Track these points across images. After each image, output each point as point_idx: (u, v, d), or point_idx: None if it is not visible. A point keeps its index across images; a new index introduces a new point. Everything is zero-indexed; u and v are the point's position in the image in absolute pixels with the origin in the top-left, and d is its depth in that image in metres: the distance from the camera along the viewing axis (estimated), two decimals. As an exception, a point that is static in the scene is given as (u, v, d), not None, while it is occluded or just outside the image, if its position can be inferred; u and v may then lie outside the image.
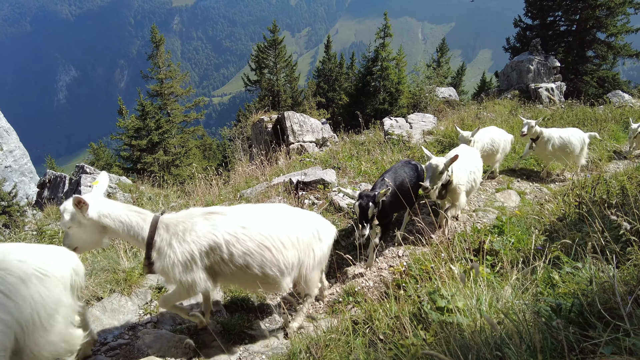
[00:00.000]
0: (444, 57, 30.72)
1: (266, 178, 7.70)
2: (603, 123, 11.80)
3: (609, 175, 7.04)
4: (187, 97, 25.32)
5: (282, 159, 9.67)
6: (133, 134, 22.10)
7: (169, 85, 23.60)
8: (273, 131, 12.34)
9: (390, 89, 23.56)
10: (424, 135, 10.03)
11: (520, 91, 17.17)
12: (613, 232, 3.09)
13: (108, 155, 26.79)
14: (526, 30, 22.16)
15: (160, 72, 23.47)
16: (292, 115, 12.08)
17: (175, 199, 9.40)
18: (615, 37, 19.36)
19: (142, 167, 20.97)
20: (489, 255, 3.80)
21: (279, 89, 26.53)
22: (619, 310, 1.81)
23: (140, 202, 8.80)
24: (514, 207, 6.20)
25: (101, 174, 3.10)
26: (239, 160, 11.59)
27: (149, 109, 22.25)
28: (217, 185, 7.42)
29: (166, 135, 22.68)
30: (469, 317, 2.37)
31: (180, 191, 10.34)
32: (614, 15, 18.85)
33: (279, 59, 26.45)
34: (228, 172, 9.96)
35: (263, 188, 6.63)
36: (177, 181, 14.56)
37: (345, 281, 4.32)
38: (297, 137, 11.74)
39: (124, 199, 10.46)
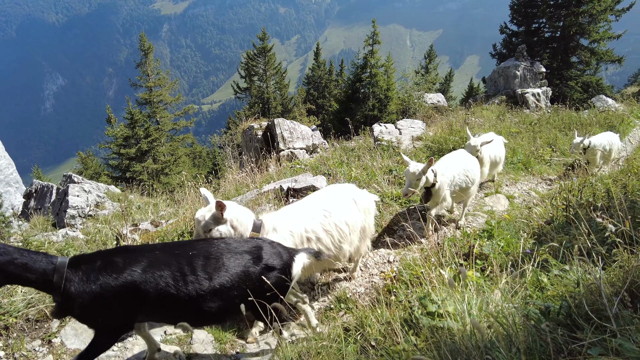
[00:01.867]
0: (432, 63, 31.07)
1: (257, 185, 7.68)
2: (588, 127, 12.01)
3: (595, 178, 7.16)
4: (177, 104, 25.23)
5: (273, 166, 9.65)
6: (122, 143, 21.94)
7: (158, 93, 23.49)
8: (263, 138, 12.33)
9: (379, 95, 23.74)
10: (413, 141, 10.11)
11: (507, 96, 17.42)
12: (599, 234, 3.14)
13: (97, 164, 26.50)
14: (512, 36, 22.57)
15: (149, 80, 23.37)
16: (282, 122, 12.09)
17: (164, 207, 9.32)
18: (598, 43, 19.82)
19: (131, 176, 20.80)
20: (479, 259, 3.83)
21: (268, 96, 26.57)
22: (605, 312, 1.84)
23: (129, 211, 8.71)
24: (502, 211, 6.26)
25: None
26: (229, 167, 11.53)
27: (137, 117, 22.12)
28: (207, 193, 7.37)
29: (155, 143, 22.54)
30: (460, 322, 2.38)
31: (170, 200, 10.25)
32: (596, 22, 19.31)
33: (269, 66, 26.53)
34: (218, 180, 9.90)
35: (254, 195, 6.61)
36: (167, 189, 14.44)
37: (336, 288, 4.32)
38: (287, 144, 11.74)
39: (113, 208, 10.34)
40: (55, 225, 9.65)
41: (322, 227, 3.61)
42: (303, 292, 4.33)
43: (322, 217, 3.65)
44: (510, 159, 8.85)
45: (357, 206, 3.97)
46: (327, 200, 3.83)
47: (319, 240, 3.55)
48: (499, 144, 7.22)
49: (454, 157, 5.50)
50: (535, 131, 11.09)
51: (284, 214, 3.61)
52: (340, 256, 3.78)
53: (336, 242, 3.66)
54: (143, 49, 23.04)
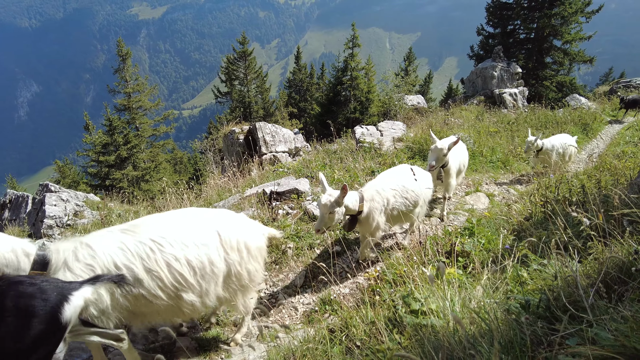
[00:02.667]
0: (412, 65, 31.48)
1: (239, 190, 7.62)
2: (563, 125, 12.35)
3: (570, 175, 7.36)
4: (156, 110, 24.86)
5: (255, 170, 9.60)
6: (100, 150, 21.51)
7: (137, 99, 23.12)
8: (245, 142, 12.26)
9: (360, 98, 23.92)
10: (395, 142, 10.20)
11: (485, 97, 17.75)
12: (575, 228, 3.22)
13: (75, 173, 25.91)
14: (488, 38, 23.03)
15: (127, 86, 22.98)
16: (264, 126, 12.05)
17: (145, 214, 9.16)
18: (570, 44, 20.42)
19: (111, 184, 20.39)
20: (461, 256, 3.88)
21: (250, 100, 26.46)
22: (582, 303, 1.88)
23: (109, 219, 8.53)
24: (483, 209, 6.36)
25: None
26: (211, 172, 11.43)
27: (116, 124, 21.73)
28: (188, 199, 7.28)
29: (135, 150, 22.17)
30: (443, 319, 2.40)
31: (151, 207, 10.08)
32: (568, 24, 19.88)
33: (249, 70, 26.43)
34: (200, 186, 9.80)
35: (236, 200, 6.56)
36: (148, 196, 14.19)
37: (320, 290, 4.31)
38: (269, 147, 11.70)
39: (92, 216, 10.11)
40: (31, 236, 9.37)
41: (144, 265, 2.62)
42: (288, 296, 4.31)
43: (149, 249, 2.65)
44: (490, 158, 9.02)
45: (222, 241, 2.92)
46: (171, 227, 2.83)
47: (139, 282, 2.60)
48: (463, 148, 6.61)
49: (391, 175, 4.59)
50: (513, 130, 11.33)
51: None
52: (183, 309, 2.81)
53: (168, 288, 2.68)
54: (121, 54, 22.66)
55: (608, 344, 1.47)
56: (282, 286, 4.48)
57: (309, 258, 4.86)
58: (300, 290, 4.35)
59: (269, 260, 4.86)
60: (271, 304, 4.11)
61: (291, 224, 5.48)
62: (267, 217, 5.60)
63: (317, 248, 5.09)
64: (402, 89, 19.23)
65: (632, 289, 2.00)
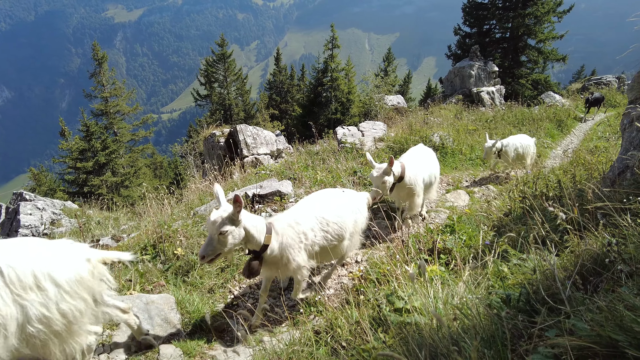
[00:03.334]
0: (391, 66, 31.75)
1: (221, 193, 7.54)
2: (539, 122, 12.65)
3: (547, 170, 7.55)
4: (135, 115, 24.45)
5: (237, 173, 9.52)
6: (78, 156, 20.99)
7: (115, 104, 22.69)
8: (226, 145, 12.15)
9: (341, 98, 24.01)
10: (376, 142, 10.27)
11: (463, 95, 18.05)
12: (552, 223, 3.29)
13: (51, 180, 25.21)
14: (465, 37, 23.44)
15: (104, 90, 22.52)
16: (245, 129, 11.96)
17: (125, 221, 8.99)
18: (544, 43, 20.98)
19: (89, 191, 19.93)
20: (443, 253, 3.93)
21: (230, 102, 26.27)
22: (560, 295, 1.93)
23: (88, 227, 8.33)
24: (463, 206, 6.46)
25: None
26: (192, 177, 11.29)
27: (94, 129, 21.26)
28: (169, 205, 7.17)
29: (114, 155, 21.73)
30: (426, 316, 2.42)
31: (131, 213, 9.89)
32: (541, 23, 20.44)
33: (229, 72, 26.25)
34: (181, 190, 9.66)
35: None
36: (127, 203, 13.94)
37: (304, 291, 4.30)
38: (251, 150, 11.62)
39: (70, 225, 9.86)
40: (6, 247, 9.07)
41: None
42: (273, 299, 4.29)
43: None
44: (469, 156, 9.16)
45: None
46: None
47: None
48: (429, 158, 5.90)
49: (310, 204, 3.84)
50: (491, 128, 11.55)
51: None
52: None
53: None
54: (97, 58, 22.19)
55: (585, 334, 1.51)
56: (266, 289, 4.46)
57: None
58: (285, 292, 4.34)
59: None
60: (255, 308, 4.09)
61: (274, 226, 5.45)
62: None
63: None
64: (382, 89, 19.40)
65: (606, 280, 2.05)
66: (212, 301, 4.21)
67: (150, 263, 4.67)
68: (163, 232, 5.09)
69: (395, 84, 30.26)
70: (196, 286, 4.36)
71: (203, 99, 27.01)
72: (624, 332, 1.42)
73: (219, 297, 4.33)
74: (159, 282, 4.26)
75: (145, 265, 4.60)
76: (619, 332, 1.43)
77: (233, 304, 4.25)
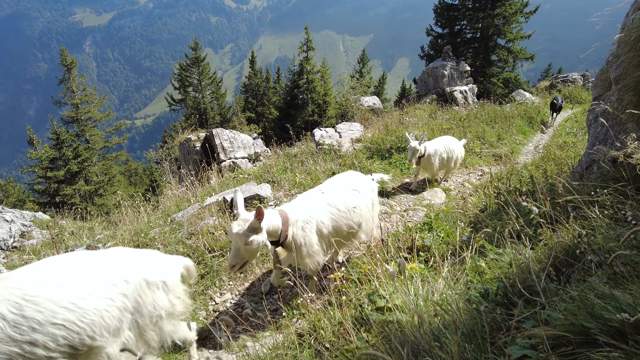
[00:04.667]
0: (366, 67, 32.05)
1: (198, 199, 7.44)
2: (511, 119, 13.00)
3: (520, 166, 7.76)
4: (107, 121, 23.87)
5: (214, 177, 9.41)
6: (48, 165, 20.30)
7: (86, 110, 22.08)
8: (202, 150, 12.00)
9: (317, 100, 24.07)
10: (353, 143, 10.34)
11: (437, 95, 18.38)
12: (526, 217, 3.39)
13: (19, 191, 24.29)
14: (437, 38, 23.86)
15: (74, 96, 21.88)
16: (222, 132, 11.84)
17: (101, 230, 8.75)
18: (513, 43, 21.59)
19: (62, 200, 19.32)
20: (422, 251, 3.98)
21: (205, 106, 25.97)
22: (535, 287, 1.98)
23: (61, 238, 8.07)
24: (440, 203, 6.57)
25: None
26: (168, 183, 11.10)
27: (64, 137, 20.61)
28: (145, 212, 7.03)
29: (86, 163, 21.14)
30: (408, 314, 2.45)
31: (107, 222, 9.64)
32: (509, 24, 21.03)
33: (203, 76, 25.94)
34: (157, 197, 9.48)
35: (195, 210, 6.40)
36: (102, 211, 13.58)
37: (286, 295, 4.29)
38: (228, 154, 11.51)
39: (42, 236, 9.53)
40: (-28, 262, 8.69)
41: None
42: (255, 303, 4.26)
43: None
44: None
45: None
46: None
47: None
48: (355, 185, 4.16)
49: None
50: (465, 126, 11.79)
51: None
52: None
53: None
54: (65, 63, 21.54)
55: (559, 324, 1.56)
56: (248, 294, 4.42)
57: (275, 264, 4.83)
58: (267, 297, 4.31)
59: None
60: (237, 313, 4.05)
61: (254, 230, 5.41)
62: (228, 225, 5.50)
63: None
64: (358, 90, 19.55)
65: (578, 270, 2.13)
66: (193, 309, 4.15)
67: (128, 272, 4.55)
68: (140, 240, 4.99)
69: (371, 85, 30.55)
70: (176, 294, 4.28)
71: (177, 104, 26.60)
72: (595, 319, 1.48)
73: (199, 304, 4.27)
74: (137, 292, 4.16)
75: (122, 275, 4.49)
76: (591, 320, 1.49)
77: (214, 311, 4.20)
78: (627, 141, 2.72)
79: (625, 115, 2.89)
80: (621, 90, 3.04)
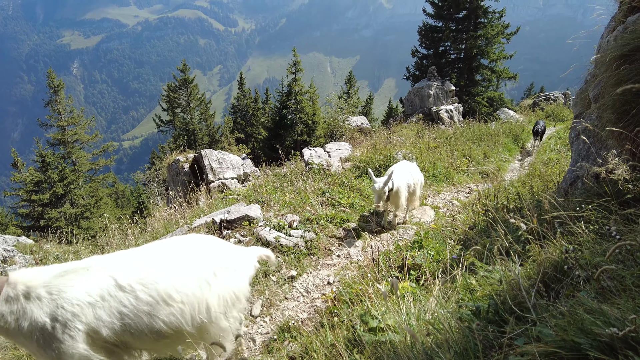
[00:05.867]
0: (353, 88, 32.53)
1: (187, 221, 7.36)
2: (497, 137, 13.25)
3: (507, 183, 7.88)
4: (94, 143, 23.71)
5: (203, 199, 9.34)
6: (33, 188, 19.94)
7: (73, 132, 21.92)
8: (191, 171, 11.94)
9: (306, 121, 24.27)
10: (342, 162, 10.40)
11: (423, 114, 18.69)
12: (514, 233, 3.43)
13: (1, 215, 23.76)
14: (423, 59, 24.43)
15: (61, 118, 21.74)
16: (210, 153, 11.83)
17: (87, 254, 8.57)
18: (496, 63, 22.22)
19: (46, 224, 18.92)
20: (413, 269, 3.98)
21: (194, 127, 25.99)
22: (526, 304, 2.00)
23: (45, 263, 7.88)
24: (430, 221, 6.60)
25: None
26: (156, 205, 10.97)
27: (50, 159, 20.35)
28: (133, 235, 6.91)
29: (72, 186, 20.84)
30: (400, 334, 2.44)
31: (93, 245, 9.45)
32: (492, 44, 21.68)
33: (192, 97, 26.04)
34: (145, 219, 9.35)
35: (184, 232, 6.32)
36: (89, 235, 13.32)
37: (278, 317, 4.22)
38: (217, 174, 11.47)
39: (25, 261, 9.28)
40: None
41: None
42: (245, 327, 4.18)
43: None
44: (432, 172, 9.43)
45: None
46: None
47: None
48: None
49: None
50: (451, 144, 11.97)
51: None
52: None
53: None
54: (52, 86, 21.46)
55: (550, 340, 1.57)
56: (238, 317, 4.34)
57: (264, 286, 4.77)
58: (257, 319, 4.24)
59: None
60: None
61: (244, 251, 5.36)
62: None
63: (272, 275, 5.01)
64: (346, 110, 19.80)
65: (566, 286, 2.15)
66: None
67: (114, 297, 4.45)
68: (127, 264, 4.88)
69: (358, 105, 30.97)
70: (164, 319, 4.18)
71: (166, 125, 26.57)
72: (585, 335, 1.49)
73: (188, 328, 4.17)
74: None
75: (109, 300, 4.38)
76: (581, 335, 1.50)
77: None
78: (608, 157, 2.79)
79: (605, 133, 2.98)
80: (600, 108, 3.14)
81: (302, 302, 4.53)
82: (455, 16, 22.31)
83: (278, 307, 4.39)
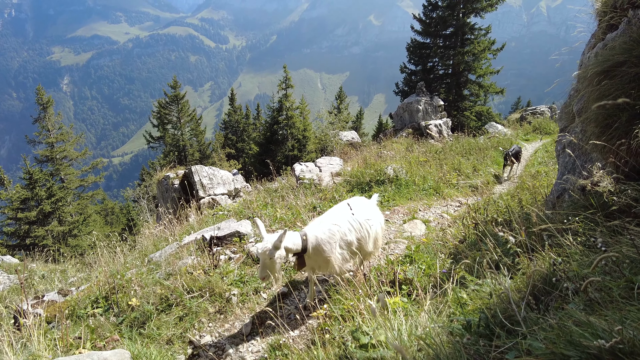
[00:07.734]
0: (343, 103, 32.87)
1: (176, 238, 7.29)
2: (485, 151, 13.41)
3: (496, 196, 7.95)
4: (84, 160, 23.51)
5: (193, 215, 9.27)
6: (19, 206, 19.65)
7: (61, 149, 21.73)
8: (181, 187, 11.87)
9: (297, 136, 24.39)
10: (333, 177, 10.43)
11: (413, 129, 18.89)
12: (503, 246, 3.45)
13: (-14, 234, 23.31)
14: (411, 75, 24.83)
15: (50, 135, 21.58)
16: (201, 169, 11.78)
17: (74, 273, 8.41)
18: (483, 78, 22.65)
19: (33, 242, 18.58)
20: (404, 284, 3.97)
21: (184, 143, 25.94)
22: (516, 317, 2.00)
23: (30, 282, 7.71)
24: (420, 235, 6.61)
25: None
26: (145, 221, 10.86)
27: (37, 177, 20.11)
28: (122, 252, 6.82)
29: (60, 203, 20.57)
30: (392, 350, 2.42)
31: (81, 263, 9.30)
32: (479, 60, 22.13)
33: (182, 113, 26.06)
34: (134, 237, 9.24)
35: (173, 249, 6.25)
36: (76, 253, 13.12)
37: (269, 335, 4.16)
38: (207, 190, 11.41)
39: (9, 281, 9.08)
40: None
41: None
42: (236, 345, 4.12)
43: None
44: (422, 186, 9.49)
45: None
46: None
47: None
48: None
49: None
50: (441, 159, 12.08)
51: None
52: None
53: None
54: (41, 102, 21.36)
55: (540, 353, 1.57)
56: (228, 336, 4.27)
57: (255, 303, 4.71)
58: (248, 338, 4.17)
59: (212, 310, 4.63)
60: (217, 357, 3.89)
61: (234, 269, 5.31)
62: (207, 264, 5.37)
63: (263, 292, 4.96)
64: (337, 125, 19.96)
65: (555, 298, 2.17)
66: (171, 353, 3.97)
67: (103, 317, 4.37)
68: (116, 282, 4.81)
69: (349, 120, 31.23)
70: (153, 338, 4.11)
71: (156, 141, 26.49)
72: (574, 347, 1.50)
73: (178, 348, 4.09)
74: (113, 337, 3.98)
75: (97, 319, 4.30)
76: (570, 347, 1.51)
77: (194, 355, 4.03)
78: (593, 170, 2.85)
79: (589, 146, 3.04)
80: (584, 122, 3.21)
81: (293, 320, 4.48)
82: (443, 33, 22.78)
83: (269, 324, 4.33)
